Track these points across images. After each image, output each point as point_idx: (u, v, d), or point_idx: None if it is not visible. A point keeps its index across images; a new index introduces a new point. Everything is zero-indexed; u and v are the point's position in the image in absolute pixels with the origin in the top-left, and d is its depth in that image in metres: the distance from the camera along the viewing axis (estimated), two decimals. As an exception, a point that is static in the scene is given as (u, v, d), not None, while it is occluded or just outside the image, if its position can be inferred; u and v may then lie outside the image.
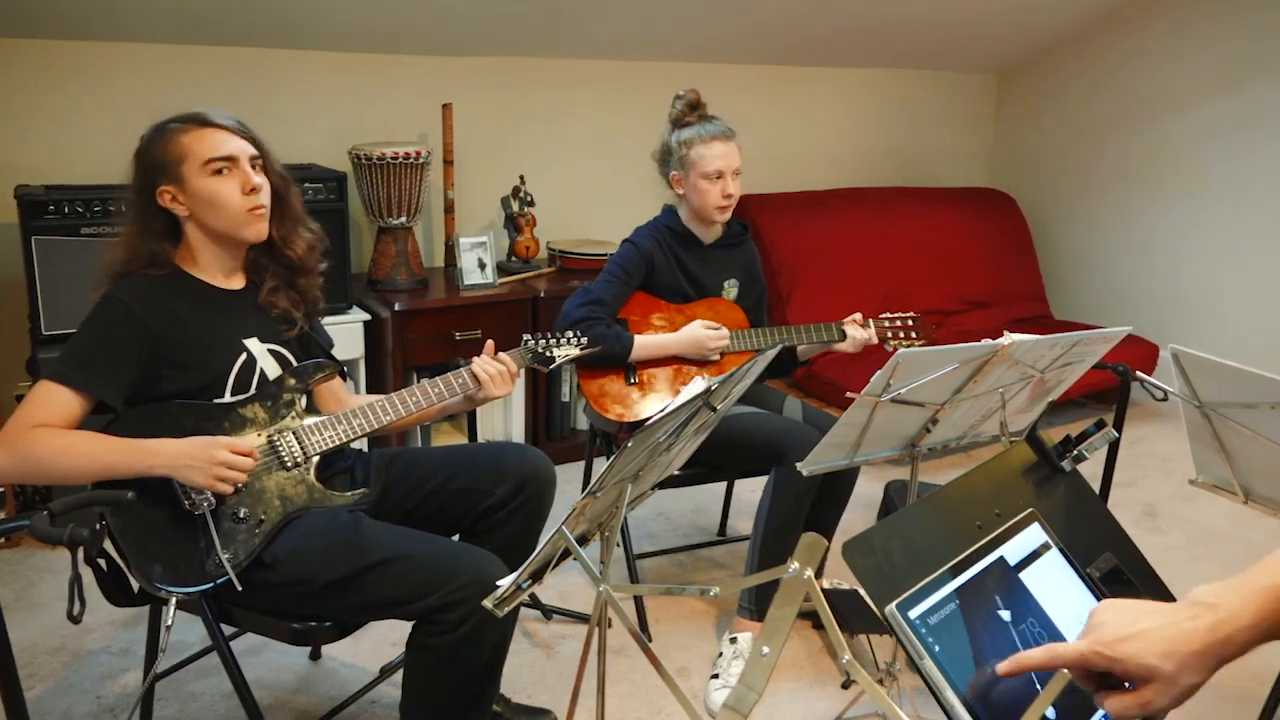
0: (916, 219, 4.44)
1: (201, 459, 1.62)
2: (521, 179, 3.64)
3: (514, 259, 3.66)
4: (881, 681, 2.22)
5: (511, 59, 3.69)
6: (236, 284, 1.86)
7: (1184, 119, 4.22)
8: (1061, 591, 1.44)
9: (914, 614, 1.25)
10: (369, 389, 3.24)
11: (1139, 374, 2.24)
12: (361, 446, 2.27)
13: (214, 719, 2.14)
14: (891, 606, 1.24)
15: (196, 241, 1.79)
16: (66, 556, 1.64)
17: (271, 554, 1.70)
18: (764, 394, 2.59)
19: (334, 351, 2.02)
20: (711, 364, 2.47)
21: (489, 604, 1.40)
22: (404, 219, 3.29)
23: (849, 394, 1.73)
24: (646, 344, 2.41)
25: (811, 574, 1.12)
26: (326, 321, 2.13)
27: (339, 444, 1.81)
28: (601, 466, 1.38)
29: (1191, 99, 4.18)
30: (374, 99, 3.48)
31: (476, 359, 1.96)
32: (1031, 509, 1.51)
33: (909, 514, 1.41)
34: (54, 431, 1.62)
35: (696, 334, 2.44)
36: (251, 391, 1.78)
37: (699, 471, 2.46)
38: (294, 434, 1.78)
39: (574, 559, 1.38)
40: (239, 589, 1.66)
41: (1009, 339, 1.73)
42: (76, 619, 1.61)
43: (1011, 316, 4.38)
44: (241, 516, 1.69)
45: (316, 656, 2.38)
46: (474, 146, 3.65)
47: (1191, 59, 4.15)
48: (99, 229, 2.71)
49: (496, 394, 1.96)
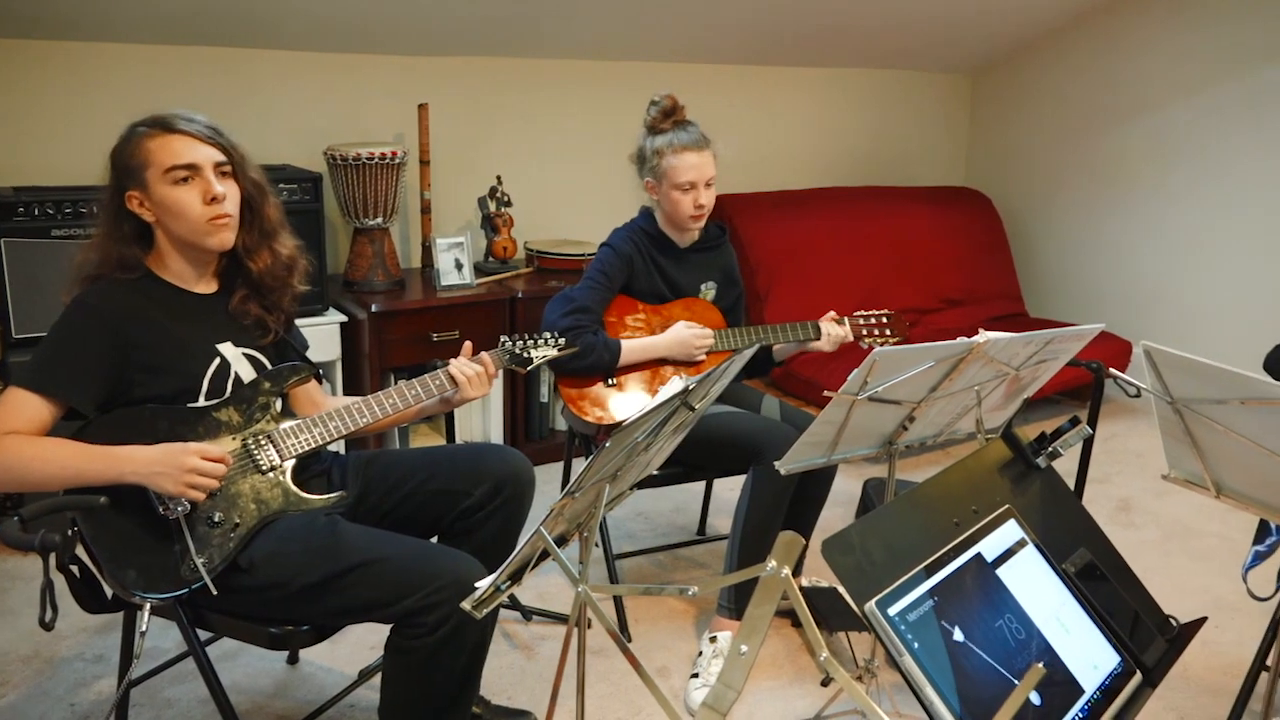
0: (892, 218, 4.46)
1: (172, 466, 1.60)
2: (498, 179, 3.63)
3: (491, 259, 3.65)
4: (860, 679, 2.23)
5: (488, 59, 3.68)
6: (208, 288, 1.83)
7: (1153, 119, 4.27)
8: (1037, 587, 1.45)
9: (893, 611, 1.25)
10: (346, 391, 3.22)
11: (1112, 371, 2.26)
12: (338, 449, 2.26)
13: (190, 725, 2.13)
14: (871, 604, 1.24)
15: (166, 246, 1.77)
16: (38, 563, 1.62)
17: (247, 558, 1.68)
18: (742, 393, 2.60)
19: (310, 353, 2.00)
20: (695, 364, 2.48)
21: (467, 606, 1.39)
22: (380, 220, 3.27)
23: (826, 392, 1.73)
24: (633, 349, 2.41)
25: (789, 572, 1.13)
26: (302, 323, 2.11)
27: (314, 447, 1.79)
28: (580, 467, 1.38)
29: (1160, 99, 4.23)
30: (349, 99, 3.46)
31: (454, 360, 1.95)
32: (1008, 505, 1.52)
33: (887, 512, 1.41)
34: (23, 439, 1.60)
35: (682, 335, 2.44)
36: (226, 396, 1.77)
37: (678, 471, 2.46)
38: (269, 438, 1.76)
39: (552, 560, 1.38)
40: (214, 593, 1.65)
41: (984, 337, 1.74)
42: (49, 626, 1.59)
43: (987, 314, 4.41)
44: (216, 521, 1.67)
45: (294, 661, 2.36)
46: (450, 147, 3.64)
47: (1160, 60, 4.20)
48: (70, 231, 2.68)
49: (473, 395, 1.95)
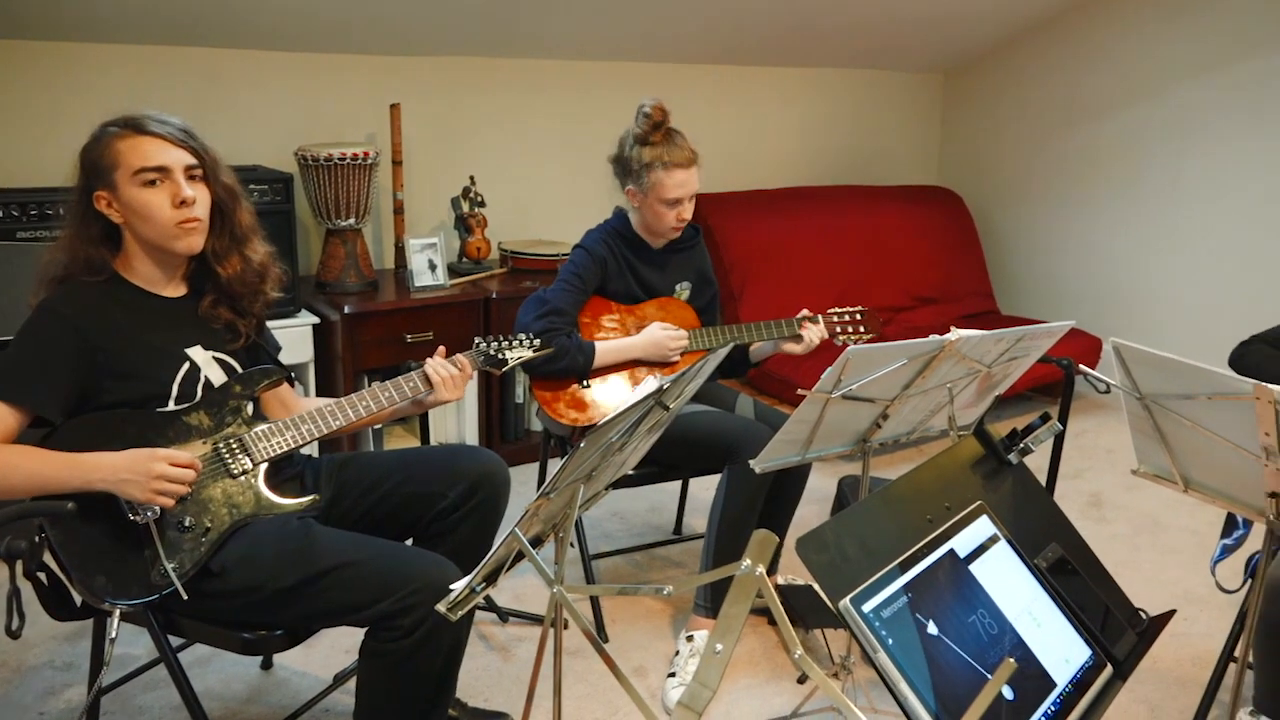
0: (866, 217, 4.49)
1: (140, 473, 1.58)
2: (472, 179, 3.61)
3: (465, 260, 3.63)
4: (836, 675, 2.24)
5: (460, 59, 3.66)
6: (176, 292, 1.81)
7: (1122, 118, 4.32)
8: (1010, 582, 1.46)
9: (867, 608, 1.26)
10: (319, 393, 3.19)
11: (1082, 367, 2.28)
12: (312, 451, 2.24)
13: (162, 732, 2.10)
14: (845, 601, 1.25)
15: (133, 249, 1.75)
16: (3, 570, 1.59)
17: (219, 562, 1.67)
18: (717, 392, 2.60)
19: (282, 356, 1.98)
20: (670, 365, 2.48)
21: (442, 608, 1.39)
22: (352, 220, 3.25)
23: (800, 391, 1.74)
24: (607, 351, 2.41)
25: (763, 571, 1.13)
26: (273, 325, 2.09)
27: (286, 450, 1.78)
28: (556, 468, 1.38)
29: (1128, 99, 4.28)
30: (320, 99, 3.43)
31: (429, 361, 1.94)
32: (980, 502, 1.54)
33: (861, 509, 1.42)
34: (-12, 446, 1.58)
35: (656, 336, 2.44)
36: (196, 400, 1.75)
37: (653, 470, 2.46)
38: (240, 441, 1.75)
39: (528, 561, 1.37)
40: (185, 598, 1.63)
41: (955, 335, 1.75)
42: (16, 634, 1.57)
43: (959, 312, 4.45)
44: (187, 525, 1.65)
45: (268, 666, 2.34)
46: (423, 147, 3.62)
47: (1128, 61, 4.25)
48: (35, 234, 2.64)
49: (448, 398, 1.94)
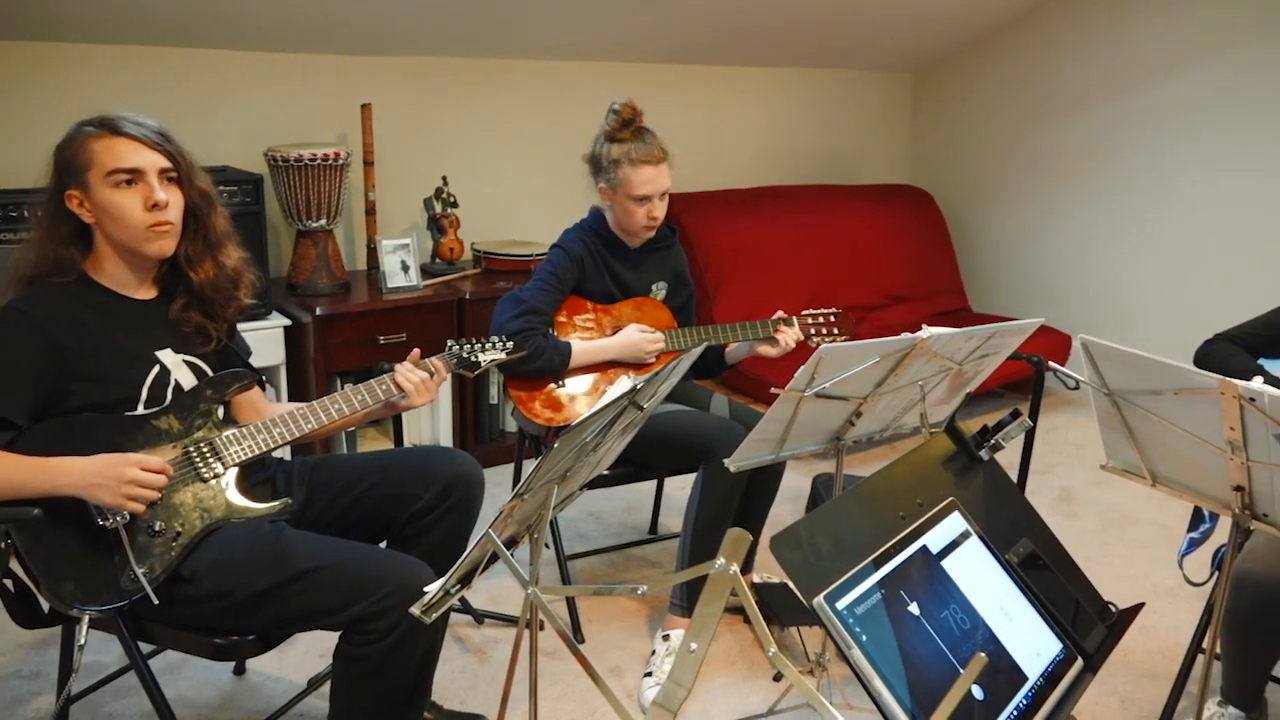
0: (838, 216, 4.51)
1: (110, 477, 1.57)
2: (444, 180, 3.60)
3: (438, 261, 3.62)
4: (812, 672, 2.25)
5: (432, 59, 3.64)
6: (147, 294, 1.79)
7: (1089, 117, 4.37)
8: (982, 577, 1.48)
9: (841, 605, 1.27)
10: (291, 396, 3.17)
11: (1052, 364, 2.31)
12: (284, 454, 2.22)
13: (133, 740, 2.08)
14: (819, 598, 1.26)
15: (104, 250, 1.73)
16: (-30, 578, 1.57)
17: (190, 568, 1.65)
18: (691, 391, 2.61)
19: (253, 358, 1.97)
20: (645, 366, 2.48)
21: (416, 611, 1.38)
22: (324, 221, 3.23)
23: (774, 389, 1.75)
24: (583, 352, 2.40)
25: (737, 569, 1.13)
26: (244, 327, 2.07)
27: (258, 454, 1.77)
28: (531, 468, 1.37)
29: (1095, 98, 4.33)
30: (291, 99, 3.41)
31: (400, 366, 1.93)
32: (952, 498, 1.55)
33: (834, 507, 1.43)
34: (-46, 452, 1.55)
35: (632, 338, 2.44)
36: (166, 404, 1.73)
37: (628, 470, 2.46)
38: (211, 445, 1.73)
39: (502, 562, 1.37)
40: (156, 604, 1.61)
41: (927, 332, 1.77)
42: (-18, 643, 1.55)
43: (931, 310, 4.47)
44: (157, 530, 1.64)
45: (241, 671, 2.32)
46: (395, 147, 3.60)
47: (1095, 60, 4.30)
48: (1, 235, 2.61)
49: (420, 402, 1.93)
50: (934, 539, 1.46)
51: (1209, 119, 3.96)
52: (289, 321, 3.10)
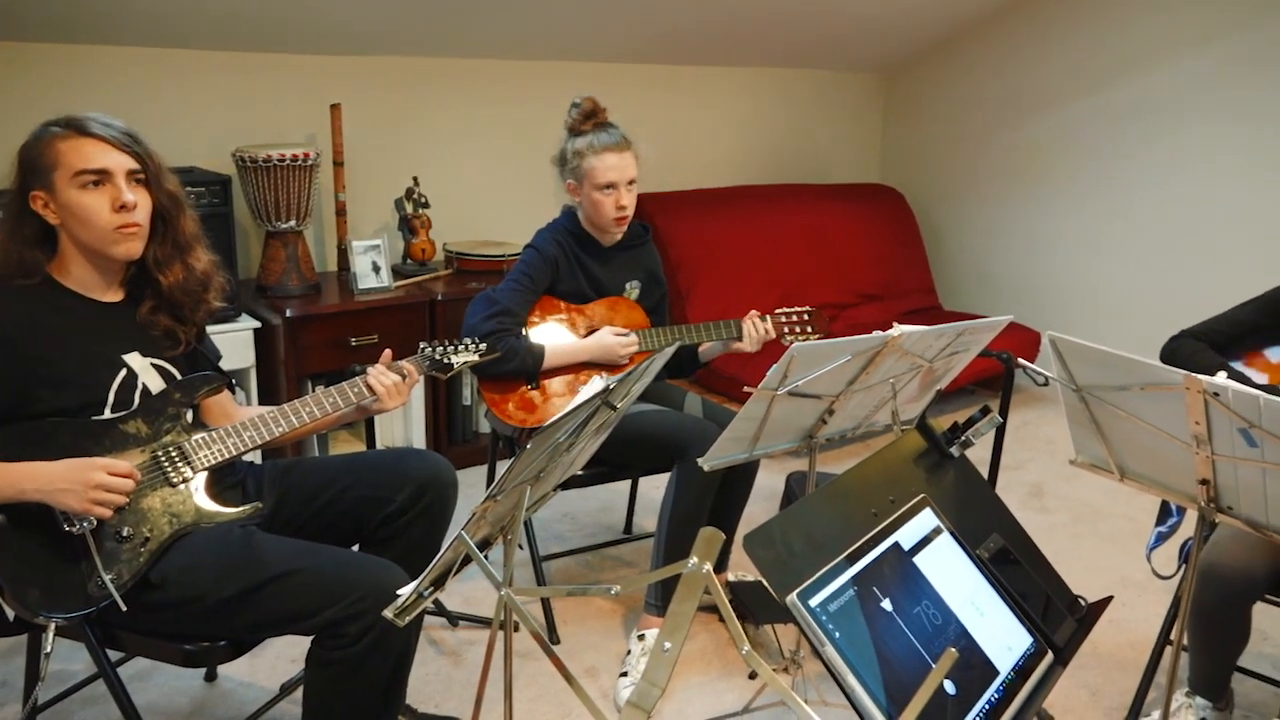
0: (810, 215, 4.53)
1: (77, 482, 1.55)
2: (415, 180, 3.58)
3: (410, 262, 3.60)
4: (787, 670, 2.26)
5: (401, 58, 3.62)
6: (114, 297, 1.77)
7: (1058, 117, 4.41)
8: (953, 573, 1.49)
9: (814, 602, 1.28)
10: (261, 399, 3.14)
11: (1021, 361, 2.33)
12: (254, 458, 2.20)
13: (103, 749, 2.05)
14: (792, 596, 1.26)
15: (69, 252, 1.70)
16: (-67, 587, 1.54)
17: (159, 573, 1.63)
18: (665, 391, 2.61)
19: (223, 362, 1.95)
20: (620, 368, 2.48)
21: (389, 614, 1.37)
22: (293, 223, 3.20)
23: (747, 388, 1.75)
24: (556, 354, 2.40)
25: (710, 568, 1.13)
26: (213, 330, 2.05)
27: (227, 458, 1.75)
28: (504, 469, 1.37)
29: (1063, 98, 4.37)
30: (259, 99, 3.38)
31: (372, 368, 1.92)
32: (923, 495, 1.56)
33: (807, 505, 1.44)
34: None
35: (606, 341, 2.44)
36: (133, 408, 1.71)
37: (602, 470, 2.46)
38: (180, 449, 1.71)
39: (475, 564, 1.36)
40: (124, 611, 1.59)
41: (898, 330, 1.78)
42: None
43: (902, 309, 4.51)
44: (125, 535, 1.61)
45: (212, 677, 2.30)
46: (365, 148, 3.58)
47: (1062, 60, 4.35)
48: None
49: (392, 406, 1.92)
50: (906, 535, 1.47)
51: (1174, 118, 4.01)
52: (259, 324, 3.07)
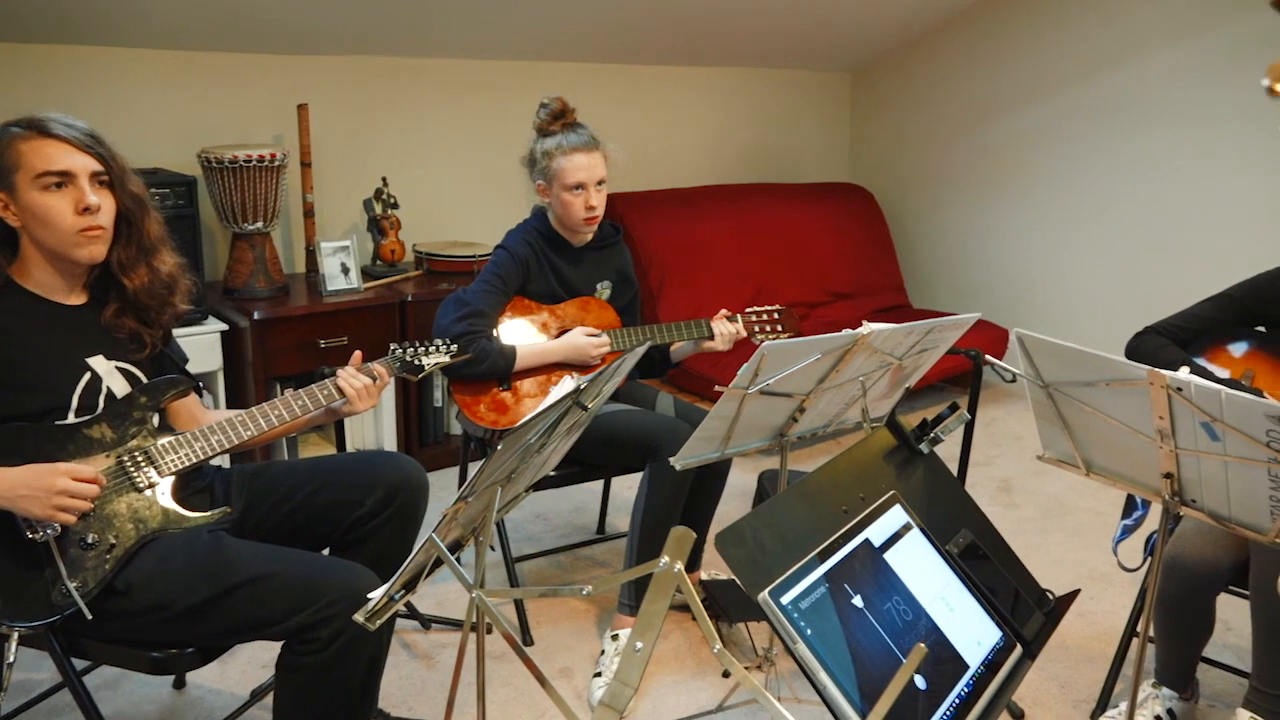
0: (780, 214, 4.55)
1: (39, 488, 1.52)
2: (384, 181, 3.55)
3: (379, 263, 3.57)
4: (760, 667, 2.27)
5: (369, 58, 3.60)
6: (77, 300, 1.74)
7: (1024, 116, 4.46)
8: (923, 568, 1.50)
9: (786, 599, 1.28)
10: (229, 402, 3.11)
11: (989, 358, 2.36)
12: (222, 462, 2.18)
13: (69, 759, 2.02)
14: (764, 594, 1.27)
15: (31, 255, 1.68)
16: (-109, 597, 1.51)
17: (125, 580, 1.61)
18: (637, 391, 2.61)
19: (190, 365, 1.93)
20: (592, 368, 2.47)
21: (360, 618, 1.37)
22: (260, 224, 3.17)
23: (718, 387, 1.76)
24: (528, 355, 2.39)
25: (681, 567, 1.14)
26: (180, 333, 2.03)
27: (195, 462, 1.73)
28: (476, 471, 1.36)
29: (1031, 97, 4.42)
30: (224, 99, 3.34)
31: (342, 371, 1.90)
32: (893, 491, 1.57)
33: (778, 503, 1.44)
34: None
35: (578, 341, 2.44)
36: (98, 412, 1.69)
37: (575, 470, 2.46)
38: (145, 454, 1.69)
39: (447, 567, 1.36)
40: (90, 619, 1.57)
41: (867, 328, 1.79)
42: (-96, 664, 1.49)
43: (872, 307, 4.54)
44: (90, 542, 1.59)
45: (181, 685, 2.27)
46: (333, 148, 3.55)
47: (1028, 59, 4.40)
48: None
49: (362, 408, 1.90)
50: (876, 532, 1.48)
51: (1140, 117, 4.07)
52: (226, 326, 3.04)
